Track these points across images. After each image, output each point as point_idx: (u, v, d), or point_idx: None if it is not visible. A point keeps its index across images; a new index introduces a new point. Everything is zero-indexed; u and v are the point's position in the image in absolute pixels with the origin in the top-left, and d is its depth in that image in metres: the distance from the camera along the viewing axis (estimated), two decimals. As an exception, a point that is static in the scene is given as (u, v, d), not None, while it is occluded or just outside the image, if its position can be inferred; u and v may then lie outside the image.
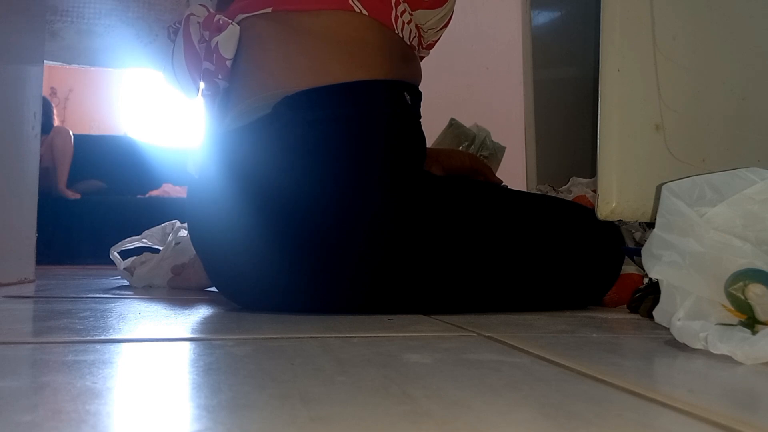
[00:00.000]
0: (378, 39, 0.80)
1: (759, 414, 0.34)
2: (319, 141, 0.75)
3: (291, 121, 0.75)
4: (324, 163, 0.75)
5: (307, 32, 0.78)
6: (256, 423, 0.29)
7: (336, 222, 0.75)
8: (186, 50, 0.82)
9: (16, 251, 1.31)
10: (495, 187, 0.87)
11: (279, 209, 0.75)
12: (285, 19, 0.80)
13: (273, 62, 0.79)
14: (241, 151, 0.78)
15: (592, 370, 0.42)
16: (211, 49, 0.80)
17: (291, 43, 0.79)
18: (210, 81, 0.81)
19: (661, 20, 0.78)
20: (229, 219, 0.79)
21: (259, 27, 0.81)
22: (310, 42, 0.78)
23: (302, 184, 0.75)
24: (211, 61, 0.80)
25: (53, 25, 1.53)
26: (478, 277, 0.80)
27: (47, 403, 0.33)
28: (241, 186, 0.77)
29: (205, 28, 0.82)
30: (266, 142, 0.76)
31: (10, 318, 0.73)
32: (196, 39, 0.82)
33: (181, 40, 0.83)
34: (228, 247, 0.80)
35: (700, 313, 0.53)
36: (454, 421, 0.30)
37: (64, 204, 3.24)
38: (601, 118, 0.77)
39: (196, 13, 0.83)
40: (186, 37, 0.82)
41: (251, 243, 0.77)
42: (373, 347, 0.51)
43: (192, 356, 0.48)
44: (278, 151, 0.75)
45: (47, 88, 4.47)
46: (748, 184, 0.54)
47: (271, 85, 0.77)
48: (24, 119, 1.35)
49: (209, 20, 0.81)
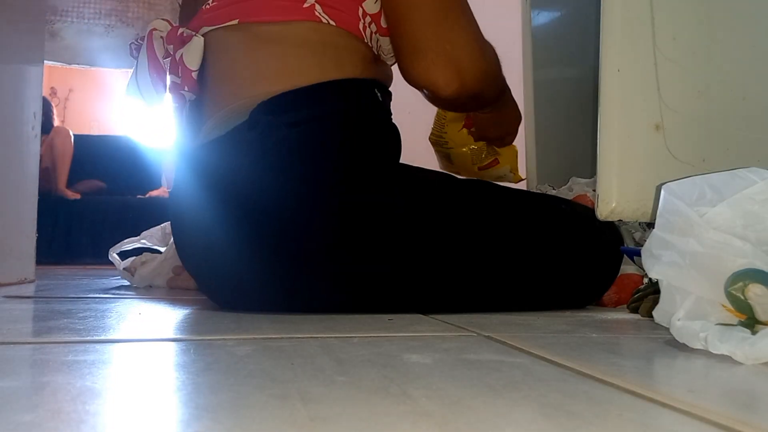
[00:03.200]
0: (348, 44, 0.80)
1: (759, 414, 0.34)
2: (300, 142, 0.75)
3: (270, 125, 0.75)
4: (307, 164, 0.75)
5: (276, 40, 0.78)
6: (256, 423, 0.29)
7: (320, 219, 0.75)
8: (150, 65, 0.82)
9: (16, 251, 1.31)
10: (490, 186, 0.88)
11: (263, 216, 0.75)
12: (252, 30, 0.79)
13: (244, 70, 0.79)
14: (220, 161, 0.78)
15: (592, 370, 0.42)
16: (176, 62, 0.80)
17: (260, 50, 0.79)
18: (177, 94, 0.81)
19: (661, 20, 0.78)
20: (209, 229, 0.79)
21: (225, 38, 0.81)
22: (280, 49, 0.78)
23: (285, 188, 0.75)
24: (177, 74, 0.80)
25: (53, 25, 1.53)
26: (475, 276, 0.80)
27: (47, 403, 0.33)
28: (222, 195, 0.77)
29: (169, 42, 0.81)
30: (246, 149, 0.76)
31: (10, 318, 0.73)
32: (160, 54, 0.82)
33: (144, 55, 0.82)
34: (211, 255, 0.81)
35: (700, 313, 0.53)
36: (454, 421, 0.30)
37: (64, 204, 3.24)
38: (601, 118, 0.77)
39: (158, 28, 0.82)
40: (150, 53, 0.82)
41: (235, 250, 0.78)
42: (373, 347, 0.51)
43: (192, 356, 0.48)
44: (259, 157, 0.75)
45: (47, 88, 4.47)
46: (748, 184, 0.54)
47: (244, 93, 0.77)
48: (24, 119, 1.35)
49: (173, 34, 0.81)
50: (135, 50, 0.86)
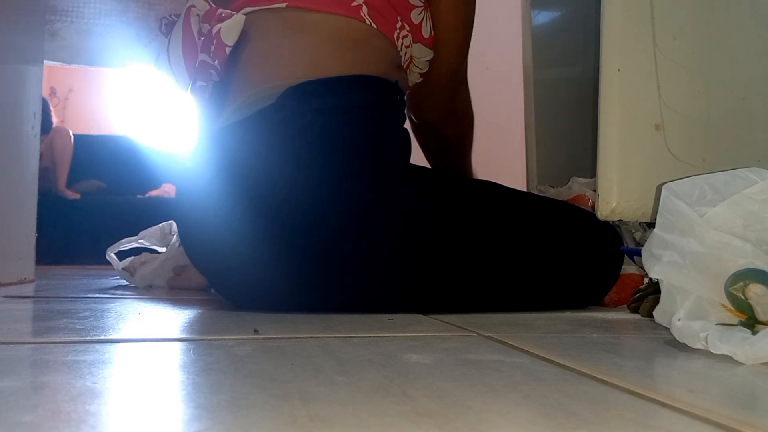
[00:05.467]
0: (380, 46, 0.83)
1: (759, 414, 0.34)
2: (325, 129, 0.75)
3: (296, 110, 0.75)
4: (327, 152, 0.75)
5: (315, 30, 0.80)
6: (256, 423, 0.29)
7: (336, 211, 0.75)
8: (184, 41, 0.82)
9: (16, 251, 1.31)
10: (494, 186, 0.88)
11: (280, 203, 0.75)
12: (295, 17, 0.81)
13: (278, 55, 0.80)
14: (243, 143, 0.77)
15: (592, 370, 0.42)
16: (210, 38, 0.80)
17: (298, 37, 0.80)
18: (205, 72, 0.81)
19: (661, 20, 0.78)
20: (227, 216, 0.78)
21: (266, 20, 0.81)
22: (316, 39, 0.80)
23: (303, 175, 0.75)
24: (209, 52, 0.80)
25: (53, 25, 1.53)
26: (477, 276, 0.80)
27: (47, 403, 0.33)
28: (241, 181, 0.77)
29: (205, 21, 0.82)
30: (269, 132, 0.76)
31: (10, 318, 0.73)
32: (195, 31, 0.82)
33: (180, 30, 0.83)
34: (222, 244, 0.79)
35: (700, 313, 0.53)
36: (454, 421, 0.30)
37: (64, 204, 3.24)
38: (601, 118, 0.77)
39: (196, 5, 0.83)
40: (186, 28, 0.82)
41: (253, 240, 0.77)
42: (373, 347, 0.51)
43: (192, 356, 0.47)
44: (281, 141, 0.75)
45: (47, 88, 4.47)
46: (748, 184, 0.54)
47: (274, 77, 0.78)
48: (24, 119, 1.35)
49: (211, 13, 0.82)
50: (166, 26, 0.86)
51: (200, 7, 0.83)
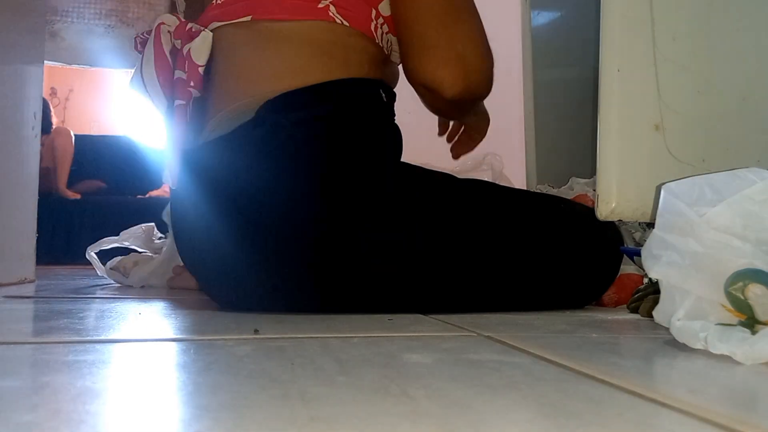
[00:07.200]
0: (358, 44, 0.80)
1: (759, 414, 0.34)
2: (305, 141, 0.75)
3: (276, 123, 0.75)
4: (311, 163, 0.75)
5: (286, 39, 0.78)
6: (256, 423, 0.29)
7: (323, 219, 0.75)
8: (156, 60, 0.81)
9: (16, 251, 1.31)
10: (490, 185, 0.88)
11: (263, 218, 0.75)
12: (264, 27, 0.79)
13: (251, 68, 0.79)
14: (223, 161, 0.77)
15: (592, 370, 0.42)
16: (183, 57, 0.79)
17: (269, 48, 0.79)
18: (183, 90, 0.80)
19: (661, 20, 0.78)
20: (209, 230, 0.79)
21: (234, 35, 0.80)
22: (288, 47, 0.78)
23: (287, 190, 0.75)
24: (183, 69, 0.79)
25: (53, 25, 1.53)
26: (475, 276, 0.80)
27: (47, 403, 0.33)
28: (222, 197, 0.77)
29: (176, 37, 0.81)
30: (250, 148, 0.75)
31: (10, 318, 0.73)
32: (167, 49, 0.81)
33: (151, 49, 0.81)
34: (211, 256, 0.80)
35: (700, 313, 0.53)
36: (454, 421, 0.30)
37: (64, 204, 3.24)
38: (601, 118, 0.77)
39: (166, 22, 0.82)
40: (157, 47, 0.81)
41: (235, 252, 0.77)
42: (373, 347, 0.51)
43: (192, 356, 0.48)
44: (263, 156, 0.75)
45: (47, 88, 4.47)
46: (748, 184, 0.54)
47: (250, 91, 0.77)
48: (24, 120, 1.35)
49: (181, 29, 0.81)
50: (140, 44, 0.85)
51: (170, 23, 0.82)
